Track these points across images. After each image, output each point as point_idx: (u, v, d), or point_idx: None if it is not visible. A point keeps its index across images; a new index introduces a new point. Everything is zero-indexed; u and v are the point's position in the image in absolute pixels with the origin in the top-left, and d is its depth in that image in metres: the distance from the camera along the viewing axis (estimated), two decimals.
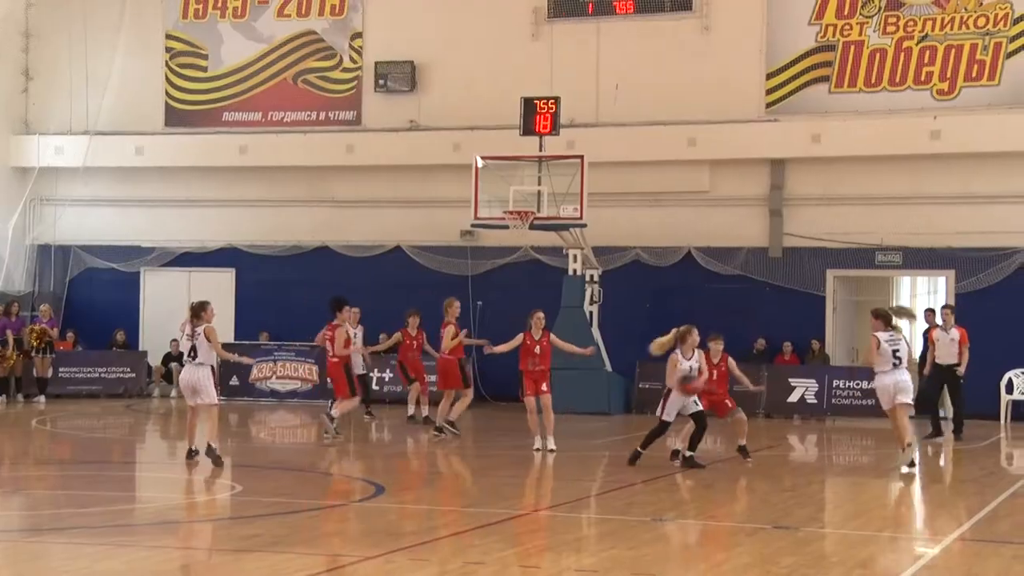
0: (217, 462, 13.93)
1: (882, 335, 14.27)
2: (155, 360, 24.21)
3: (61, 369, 23.27)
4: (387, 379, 22.86)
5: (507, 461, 14.93)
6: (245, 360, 16.85)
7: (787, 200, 22.84)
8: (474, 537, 10.03)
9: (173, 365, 24.31)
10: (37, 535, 10.08)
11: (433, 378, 18.46)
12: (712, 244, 23.01)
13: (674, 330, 14.24)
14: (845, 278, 22.95)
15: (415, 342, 19.29)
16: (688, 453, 14.33)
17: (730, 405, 14.93)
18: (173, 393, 24.06)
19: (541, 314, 15.70)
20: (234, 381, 23.63)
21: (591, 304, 21.98)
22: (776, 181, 22.88)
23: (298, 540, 9.93)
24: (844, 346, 23.02)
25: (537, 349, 15.47)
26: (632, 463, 14.23)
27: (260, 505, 11.47)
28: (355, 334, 19.48)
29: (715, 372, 14.70)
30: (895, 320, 14.78)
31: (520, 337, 15.54)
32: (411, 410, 19.36)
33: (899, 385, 14.17)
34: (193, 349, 13.94)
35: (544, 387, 15.59)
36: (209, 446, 14.09)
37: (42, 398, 22.35)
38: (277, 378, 23.46)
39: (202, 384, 13.98)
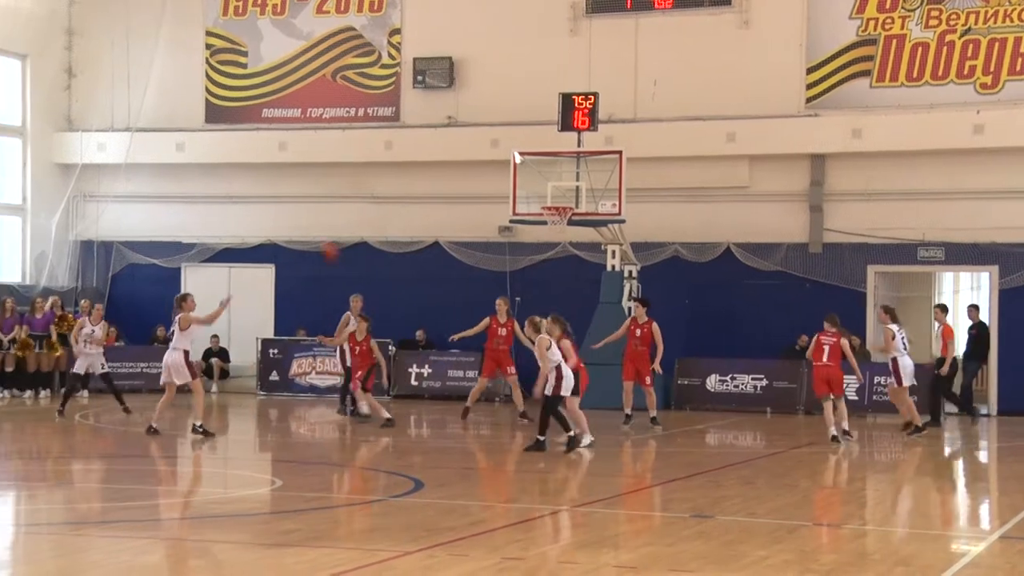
0: (207, 435, 15.99)
1: (893, 327, 17.14)
2: (195, 355, 24.30)
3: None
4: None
5: (545, 456, 14.90)
6: (224, 303, 17.06)
7: (827, 195, 22.68)
8: (512, 533, 10.03)
9: (214, 360, 24.50)
10: (81, 528, 10.17)
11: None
12: (751, 240, 22.89)
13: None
14: (886, 274, 22.76)
15: (504, 328, 18.77)
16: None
17: None
18: (214, 389, 24.23)
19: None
20: (274, 376, 23.77)
21: (629, 300, 21.91)
22: (816, 176, 22.73)
23: (337, 535, 9.97)
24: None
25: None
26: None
27: (300, 500, 11.52)
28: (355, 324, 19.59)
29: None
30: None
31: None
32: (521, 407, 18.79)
33: (910, 368, 17.28)
34: (171, 333, 16.32)
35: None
36: (194, 426, 16.05)
37: (85, 393, 22.56)
38: (316, 373, 23.57)
39: (175, 366, 16.04)
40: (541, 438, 14.94)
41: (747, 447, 17.05)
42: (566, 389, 14.90)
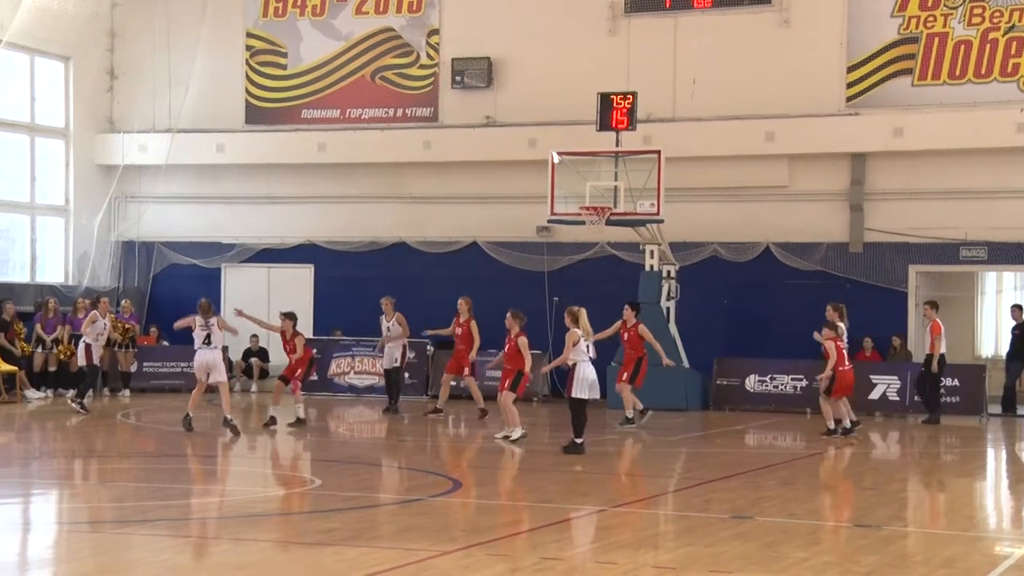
0: (235, 431, 16.24)
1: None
2: (235, 355, 24.53)
3: (144, 364, 23.67)
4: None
5: (582, 457, 14.87)
6: (237, 315, 17.93)
7: (868, 195, 22.52)
8: (550, 533, 10.02)
9: (253, 360, 24.63)
10: (122, 527, 10.26)
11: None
12: (791, 239, 22.76)
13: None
14: (928, 273, 22.57)
15: (460, 328, 19.04)
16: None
17: None
18: (253, 388, 24.36)
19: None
20: (313, 376, 23.85)
21: (668, 300, 21.86)
22: (857, 175, 22.57)
23: (376, 534, 9.99)
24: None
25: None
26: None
27: (339, 499, 11.57)
28: (388, 327, 19.67)
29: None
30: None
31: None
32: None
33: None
34: (208, 336, 16.45)
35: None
36: (225, 418, 16.32)
37: (126, 392, 22.76)
38: (355, 373, 23.65)
39: (217, 364, 16.48)
40: (578, 440, 14.87)
41: (786, 448, 16.94)
42: (580, 390, 14.74)
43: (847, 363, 17.16)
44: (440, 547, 9.16)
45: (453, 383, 19.42)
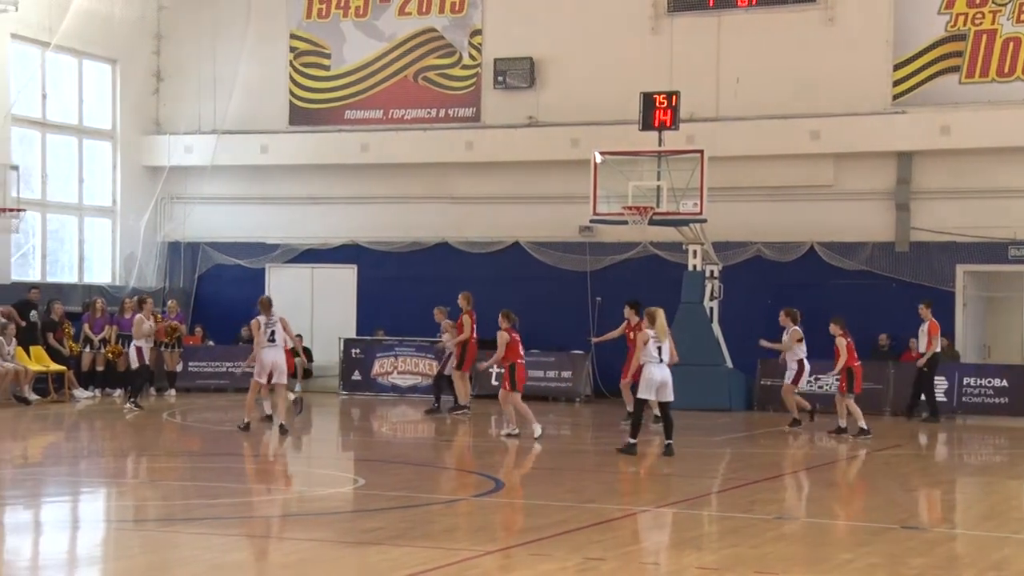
0: (286, 432, 16.22)
1: (799, 329, 18.01)
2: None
3: (190, 363, 23.86)
4: None
5: (625, 457, 14.83)
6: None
7: (914, 194, 22.30)
8: (594, 533, 10.00)
9: (297, 360, 24.73)
10: (169, 525, 10.34)
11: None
12: (836, 239, 22.58)
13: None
14: (976, 273, 22.31)
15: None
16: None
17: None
18: (297, 388, 24.49)
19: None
20: (356, 376, 23.98)
21: (711, 300, 21.76)
22: (903, 174, 22.36)
23: (419, 534, 10.01)
24: (975, 343, 22.39)
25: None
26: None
27: (382, 499, 11.60)
28: (442, 336, 19.93)
29: None
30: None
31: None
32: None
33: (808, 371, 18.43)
34: (272, 334, 16.28)
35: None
36: (281, 425, 16.25)
37: (172, 391, 22.95)
38: (399, 373, 23.72)
39: (281, 364, 16.30)
40: (632, 441, 14.79)
41: (831, 449, 16.80)
42: (643, 391, 14.75)
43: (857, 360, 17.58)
44: (483, 547, 9.17)
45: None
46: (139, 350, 19.63)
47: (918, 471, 15.05)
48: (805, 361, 18.04)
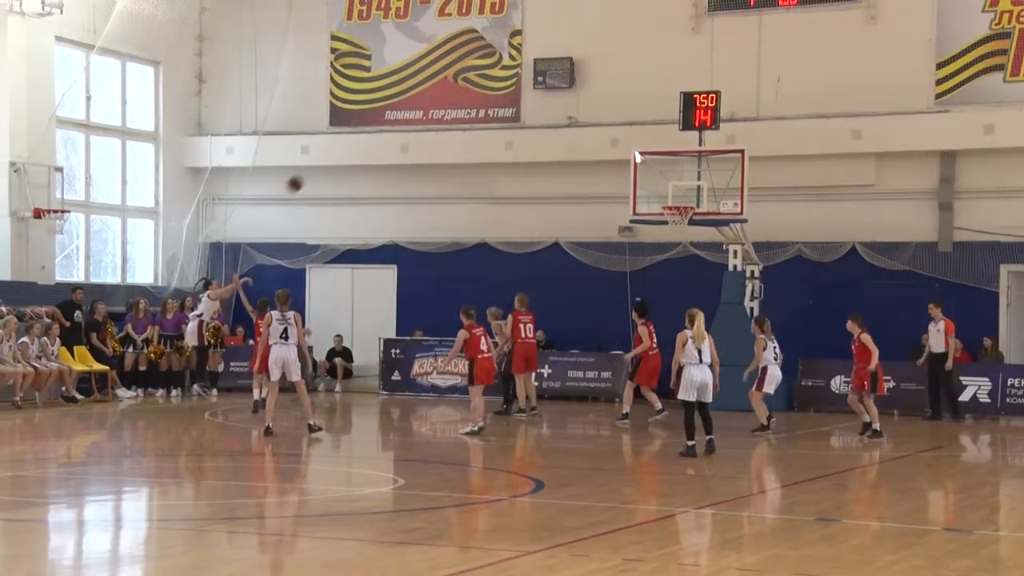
0: (317, 429, 16.20)
1: (764, 337, 17.51)
2: (320, 355, 24.78)
3: (231, 363, 24.01)
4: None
5: (664, 458, 14.81)
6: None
7: (958, 193, 22.10)
8: (633, 534, 9.98)
9: (337, 360, 24.87)
10: (211, 524, 10.42)
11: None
12: (878, 239, 22.42)
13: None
14: (1021, 273, 22.08)
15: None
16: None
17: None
18: (337, 388, 24.61)
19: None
20: (396, 376, 24.04)
21: (751, 300, 21.65)
22: (946, 174, 22.16)
23: (459, 534, 10.03)
24: (1019, 343, 22.14)
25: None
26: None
27: (422, 499, 11.63)
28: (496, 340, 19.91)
29: None
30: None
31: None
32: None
33: (777, 378, 17.79)
34: (285, 331, 15.83)
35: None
36: (310, 425, 16.12)
37: (214, 391, 23.11)
38: (438, 373, 23.76)
39: (294, 362, 15.83)
40: (691, 443, 14.77)
41: (871, 450, 16.67)
42: (684, 392, 14.73)
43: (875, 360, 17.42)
44: (523, 547, 9.17)
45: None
46: (200, 323, 20.27)
47: (962, 472, 14.91)
48: (770, 367, 17.66)
